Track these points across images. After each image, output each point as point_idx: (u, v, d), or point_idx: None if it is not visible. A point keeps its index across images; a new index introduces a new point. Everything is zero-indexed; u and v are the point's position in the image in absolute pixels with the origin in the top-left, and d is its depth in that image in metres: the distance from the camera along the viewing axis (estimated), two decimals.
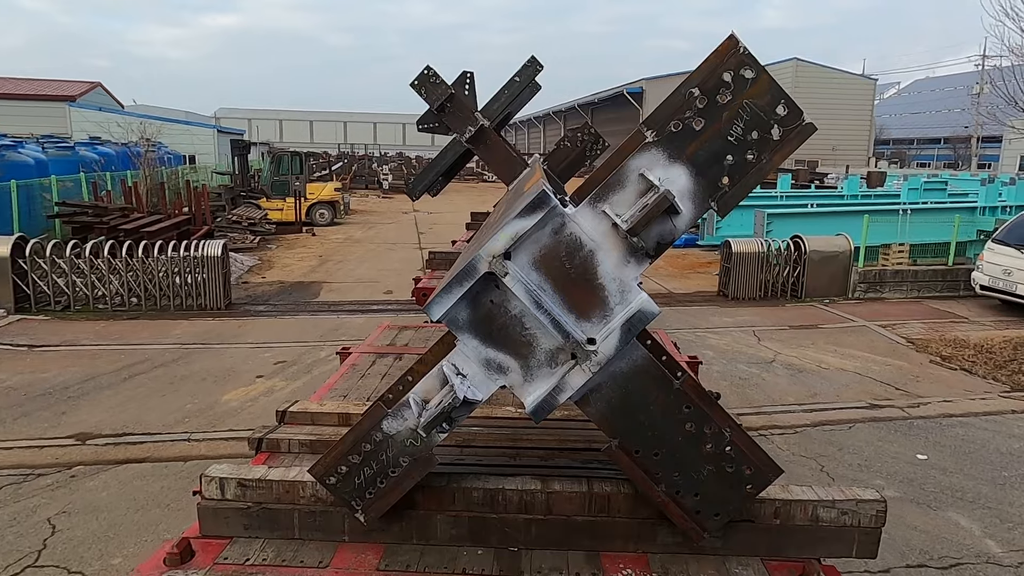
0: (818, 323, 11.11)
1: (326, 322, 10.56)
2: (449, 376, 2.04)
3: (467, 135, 5.53)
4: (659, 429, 2.12)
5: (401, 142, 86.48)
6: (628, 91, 45.49)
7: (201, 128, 30.75)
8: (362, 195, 32.57)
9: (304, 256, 16.00)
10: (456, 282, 1.94)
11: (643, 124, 2.03)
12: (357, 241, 18.41)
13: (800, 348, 9.64)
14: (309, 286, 13.14)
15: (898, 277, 12.47)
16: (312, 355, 8.95)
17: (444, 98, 5.25)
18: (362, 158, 42.55)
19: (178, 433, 6.54)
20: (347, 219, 22.54)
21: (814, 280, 12.67)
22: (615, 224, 1.99)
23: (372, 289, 13.03)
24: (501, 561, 2.22)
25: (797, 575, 2.21)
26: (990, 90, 53.78)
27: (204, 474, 2.32)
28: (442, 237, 16.41)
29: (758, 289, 12.57)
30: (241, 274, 13.62)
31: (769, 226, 13.50)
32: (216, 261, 10.67)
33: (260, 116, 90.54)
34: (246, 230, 16.96)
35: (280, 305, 11.75)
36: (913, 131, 67.19)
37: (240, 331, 9.96)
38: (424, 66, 5.20)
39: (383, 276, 14.38)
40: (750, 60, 1.98)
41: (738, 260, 12.45)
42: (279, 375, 8.07)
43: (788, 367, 8.87)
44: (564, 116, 59.63)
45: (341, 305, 11.78)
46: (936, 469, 6.07)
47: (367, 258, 16.00)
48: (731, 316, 11.57)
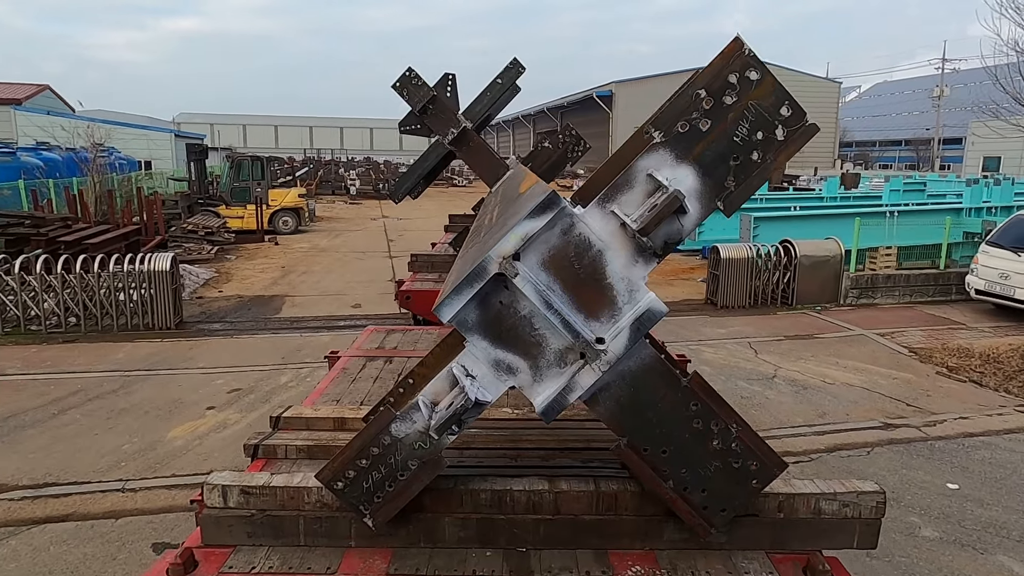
0: (814, 333, 10.45)
1: (288, 341, 10.02)
2: (459, 377, 2.05)
3: (450, 137, 5.52)
4: (667, 427, 2.14)
5: (368, 147, 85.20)
6: (598, 94, 45.48)
7: (158, 133, 29.26)
8: (328, 201, 31.51)
9: (266, 267, 14.94)
10: (466, 283, 1.95)
11: (650, 125, 2.04)
12: (323, 250, 17.38)
13: (801, 361, 9.41)
14: (270, 301, 12.10)
15: (890, 282, 11.95)
16: (271, 381, 8.02)
17: (426, 100, 5.20)
18: (328, 163, 41.25)
19: (111, 481, 5.89)
20: (312, 227, 21.51)
21: (805, 286, 12.05)
22: (624, 224, 2.00)
23: (339, 303, 12.06)
24: (510, 562, 2.22)
25: (801, 567, 2.21)
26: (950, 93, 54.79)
27: (206, 482, 2.30)
28: (413, 245, 15.55)
29: (748, 297, 11.92)
30: (196, 288, 12.55)
31: (756, 230, 12.84)
32: (164, 276, 9.62)
33: (223, 121, 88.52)
34: (203, 240, 15.82)
35: (238, 323, 10.71)
36: (875, 133, 68.60)
37: (191, 354, 8.91)
38: (406, 68, 5.14)
39: (351, 288, 13.41)
40: (755, 62, 2.01)
41: (727, 267, 11.76)
42: (233, 406, 7.52)
43: (791, 383, 8.58)
44: (533, 120, 59.37)
45: (305, 321, 10.80)
46: (972, 501, 5.75)
47: (334, 268, 15.01)
48: (723, 326, 10.85)
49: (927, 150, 57.62)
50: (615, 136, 47.62)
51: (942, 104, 52.18)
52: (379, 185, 36.07)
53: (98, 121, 25.91)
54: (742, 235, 13.57)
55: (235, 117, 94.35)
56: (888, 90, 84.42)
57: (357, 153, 68.25)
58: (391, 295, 13.25)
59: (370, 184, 35.13)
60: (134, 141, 29.35)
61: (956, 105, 63.47)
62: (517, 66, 6.72)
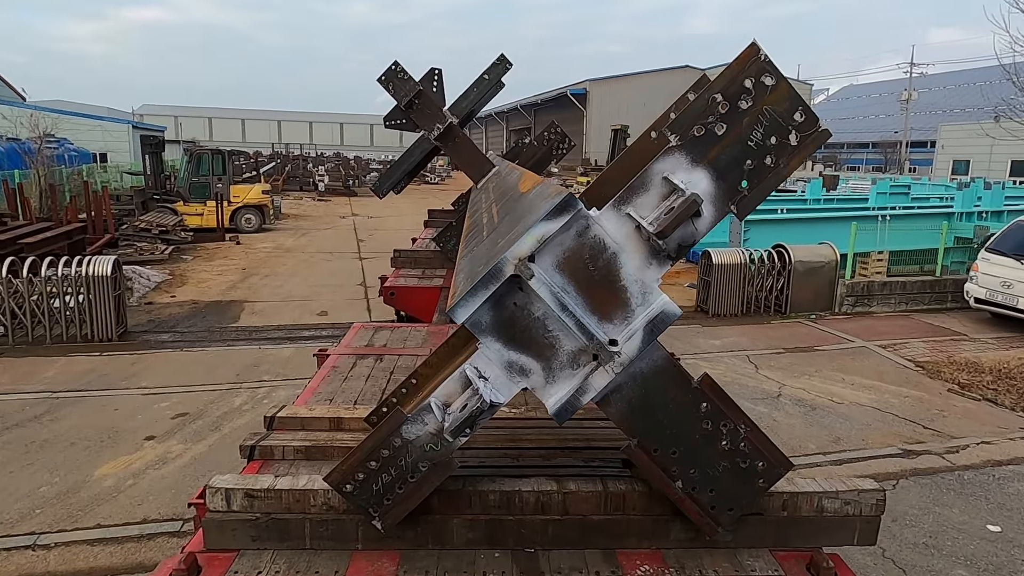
0: (814, 344, 9.73)
1: (244, 355, 9.39)
2: (472, 379, 2.04)
3: (436, 132, 5.38)
4: (677, 428, 2.16)
5: (339, 142, 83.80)
6: (572, 92, 45.02)
7: (115, 124, 27.70)
8: (296, 198, 30.33)
9: (225, 269, 13.84)
10: (481, 285, 1.95)
11: (667, 128, 2.06)
12: (288, 250, 16.31)
13: (805, 377, 9.08)
14: (228, 307, 11.02)
15: (886, 289, 11.36)
16: (223, 403, 7.66)
17: (412, 95, 5.12)
18: (296, 158, 39.83)
19: (21, 536, 5.08)
20: (278, 225, 20.40)
21: (799, 294, 11.38)
22: (639, 226, 2.01)
23: (303, 309, 11.03)
24: (519, 563, 2.23)
25: (805, 564, 2.24)
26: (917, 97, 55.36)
27: (208, 485, 2.25)
28: (385, 244, 14.62)
29: (741, 304, 11.15)
30: (145, 293, 11.44)
31: (746, 234, 12.09)
32: (105, 281, 8.50)
33: (187, 114, 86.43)
34: (156, 239, 14.55)
35: (189, 333, 9.64)
36: (843, 136, 69.65)
37: (133, 370, 7.87)
38: (392, 62, 5.11)
39: (317, 293, 12.41)
40: (770, 67, 2.04)
41: (719, 273, 10.94)
42: (177, 435, 6.96)
43: (798, 403, 8.21)
44: (507, 117, 58.80)
45: (265, 331, 9.78)
46: (1020, 548, 5.33)
47: (299, 271, 13.98)
48: (718, 337, 10.05)
49: (894, 152, 58.23)
50: (590, 134, 47.15)
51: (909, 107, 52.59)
52: (349, 181, 34.83)
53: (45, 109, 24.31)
54: (732, 239, 12.86)
55: (201, 110, 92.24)
56: (855, 93, 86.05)
57: (327, 148, 67.39)
58: (361, 300, 12.23)
59: (340, 180, 33.79)
60: (89, 132, 27.92)
61: (923, 109, 64.45)
62: (504, 62, 6.62)
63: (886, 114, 74.01)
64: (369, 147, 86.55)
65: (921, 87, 59.82)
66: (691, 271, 16.15)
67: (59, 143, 25.85)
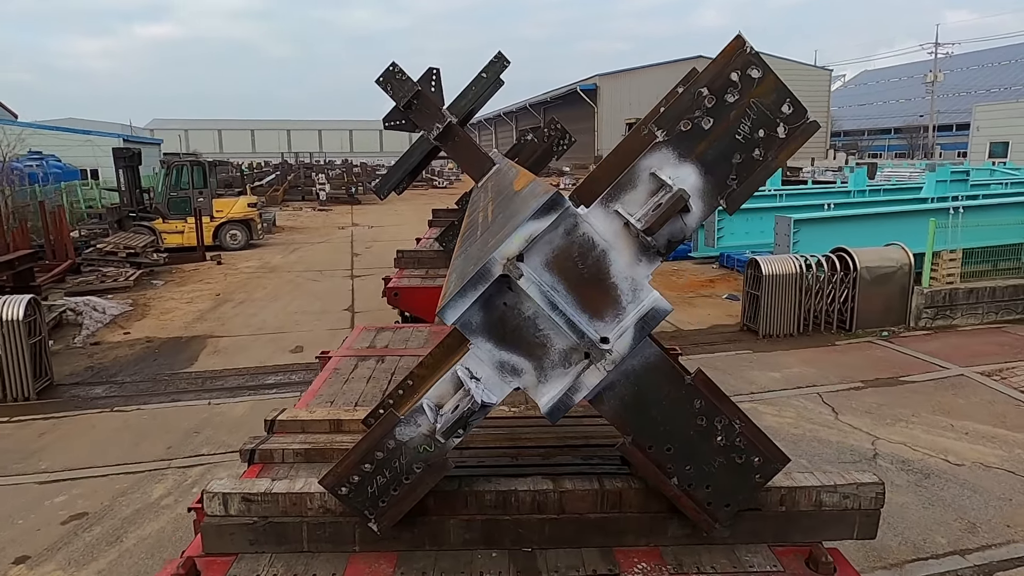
0: (898, 374, 7.43)
1: (187, 415, 7.90)
2: (464, 380, 2.09)
3: (435, 132, 5.50)
4: (672, 424, 2.20)
5: (348, 149, 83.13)
6: (582, 88, 43.55)
7: (105, 139, 26.03)
8: (296, 208, 28.52)
9: (196, 295, 12.02)
10: (470, 286, 2.00)
11: (653, 123, 2.10)
12: (273, 270, 14.44)
13: (901, 425, 7.32)
14: (187, 345, 9.05)
15: (972, 297, 9.17)
16: (138, 496, 6.17)
17: (411, 95, 5.21)
18: (300, 167, 38.08)
19: None
20: (269, 239, 18.64)
21: (867, 306, 9.23)
22: (627, 223, 2.06)
23: (276, 346, 9.00)
24: (517, 562, 2.29)
25: (804, 559, 2.29)
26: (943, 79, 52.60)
27: (206, 490, 2.33)
28: (382, 259, 12.75)
29: (797, 322, 8.85)
30: (96, 329, 9.60)
31: (796, 236, 9.93)
32: (16, 327, 6.51)
33: (197, 127, 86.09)
34: (124, 263, 12.61)
35: (130, 384, 7.71)
36: (863, 122, 67.29)
37: (39, 445, 6.07)
38: (390, 63, 5.23)
39: (295, 322, 10.50)
40: (756, 60, 2.04)
41: (770, 285, 8.63)
42: (61, 553, 5.34)
43: (904, 467, 6.48)
44: (516, 117, 57.53)
45: (222, 378, 7.88)
46: None
47: (280, 295, 12.02)
48: (776, 367, 7.79)
49: (918, 137, 55.35)
50: (601, 130, 45.33)
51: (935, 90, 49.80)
52: (351, 189, 32.95)
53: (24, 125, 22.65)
54: (778, 242, 10.87)
55: (210, 122, 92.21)
56: (873, 78, 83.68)
57: (336, 155, 66.19)
58: (345, 330, 10.18)
59: (342, 187, 31.95)
60: (78, 148, 26.53)
61: (947, 91, 61.39)
62: (502, 60, 6.52)
63: (906, 98, 71.02)
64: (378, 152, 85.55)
65: (943, 69, 56.81)
66: (727, 278, 14.01)
67: (43, 160, 24.11)
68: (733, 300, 12.24)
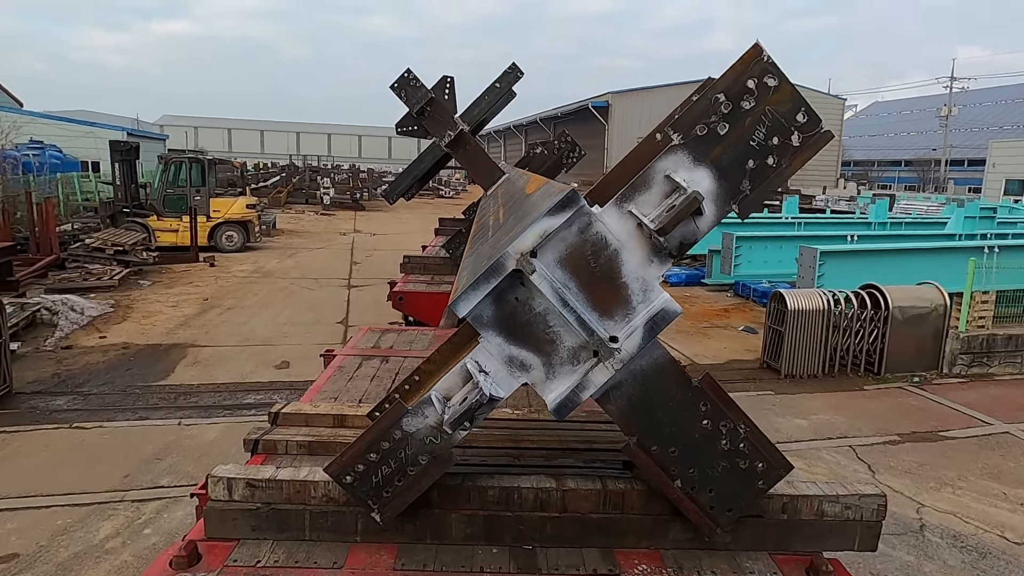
0: (937, 427, 6.63)
1: (153, 436, 7.14)
2: (473, 373, 2.10)
3: (447, 139, 5.40)
4: (677, 426, 2.21)
5: (357, 154, 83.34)
6: (593, 104, 43.16)
7: (107, 131, 25.49)
8: (298, 211, 27.91)
9: (183, 299, 11.32)
10: (483, 279, 2.01)
11: (669, 127, 2.13)
12: (266, 275, 13.75)
13: (948, 490, 6.58)
14: (166, 353, 8.31)
15: (1011, 345, 8.32)
16: (80, 536, 5.29)
17: (424, 102, 5.15)
18: (306, 169, 37.57)
19: None
20: (267, 242, 18.01)
21: (897, 348, 8.36)
22: (641, 224, 2.08)
23: (259, 359, 8.23)
24: (517, 559, 2.30)
25: (804, 568, 2.30)
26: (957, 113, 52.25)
27: (210, 474, 2.34)
28: (382, 268, 12.13)
29: (822, 362, 8.05)
30: (72, 331, 8.87)
31: (822, 268, 9.22)
32: None
33: (207, 125, 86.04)
34: (111, 260, 11.93)
35: (96, 396, 6.96)
36: (874, 152, 66.88)
37: None
38: (404, 69, 5.21)
39: (284, 334, 9.74)
40: (773, 68, 2.06)
41: (794, 321, 7.84)
42: None
43: (956, 543, 5.63)
44: (525, 130, 57.50)
45: (197, 394, 7.12)
46: None
47: (271, 302, 11.33)
48: (802, 413, 6.99)
49: (929, 171, 54.84)
50: (611, 148, 45.00)
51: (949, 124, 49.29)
52: (356, 194, 32.36)
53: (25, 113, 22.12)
54: (802, 274, 10.19)
55: (220, 121, 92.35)
56: (884, 109, 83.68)
57: (345, 160, 66.24)
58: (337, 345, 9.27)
59: (347, 192, 31.31)
60: (79, 139, 26.04)
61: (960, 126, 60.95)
62: (515, 71, 6.55)
63: (919, 131, 70.63)
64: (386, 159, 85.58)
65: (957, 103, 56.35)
66: (742, 308, 13.33)
67: (42, 150, 23.54)
68: (750, 333, 11.58)
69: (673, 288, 16.05)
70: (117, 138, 24.77)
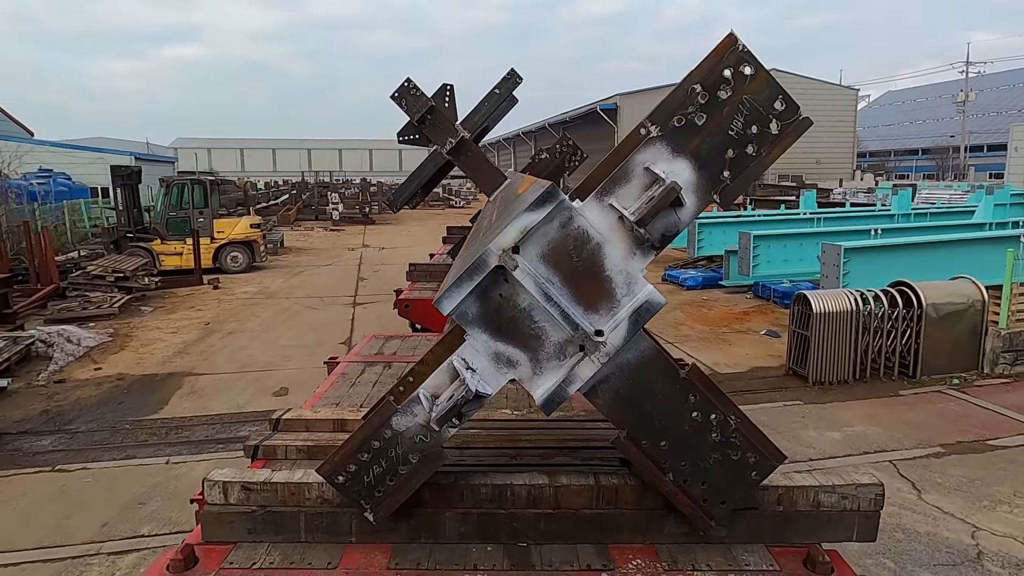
0: (984, 435, 6.05)
1: (139, 477, 6.61)
2: (459, 370, 2.13)
3: (448, 146, 5.41)
4: (666, 419, 2.22)
5: (368, 168, 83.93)
6: (602, 107, 42.87)
7: (116, 156, 25.53)
8: (307, 228, 27.70)
9: (184, 324, 11.02)
10: (466, 276, 2.03)
11: (647, 119, 2.15)
12: (270, 296, 13.41)
13: (1003, 510, 5.84)
14: (161, 384, 7.93)
15: None
16: None
17: (424, 110, 5.18)
18: (315, 186, 37.49)
19: None
20: (273, 261, 17.72)
21: (933, 349, 7.69)
22: (622, 217, 2.10)
23: (258, 386, 7.82)
24: (511, 556, 2.32)
25: (802, 560, 2.29)
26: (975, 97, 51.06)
27: (206, 478, 2.40)
28: (390, 285, 11.82)
29: (852, 366, 7.41)
30: (67, 364, 8.54)
31: (846, 266, 8.61)
32: None
33: (220, 146, 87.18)
34: (112, 287, 11.63)
35: (84, 434, 6.62)
36: (889, 142, 65.71)
37: None
38: (404, 78, 5.25)
39: (285, 358, 9.40)
40: (749, 57, 2.06)
41: (821, 324, 7.23)
42: None
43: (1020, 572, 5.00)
44: (535, 136, 57.33)
45: (189, 427, 6.83)
46: None
47: (273, 325, 10.96)
48: (834, 425, 6.39)
49: (947, 158, 53.60)
50: None
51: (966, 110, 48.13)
52: (365, 209, 32.10)
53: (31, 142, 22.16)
54: (826, 272, 9.62)
55: (233, 141, 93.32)
56: (897, 99, 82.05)
57: (356, 174, 66.64)
58: None
59: (356, 207, 31.08)
60: (89, 166, 25.92)
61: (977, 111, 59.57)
62: (514, 76, 6.53)
63: (934, 118, 69.28)
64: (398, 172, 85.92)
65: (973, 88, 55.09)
66: (762, 310, 12.78)
67: (50, 178, 23.51)
68: (772, 337, 11.02)
69: (690, 291, 15.50)
70: (125, 163, 24.73)
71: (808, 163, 48.09)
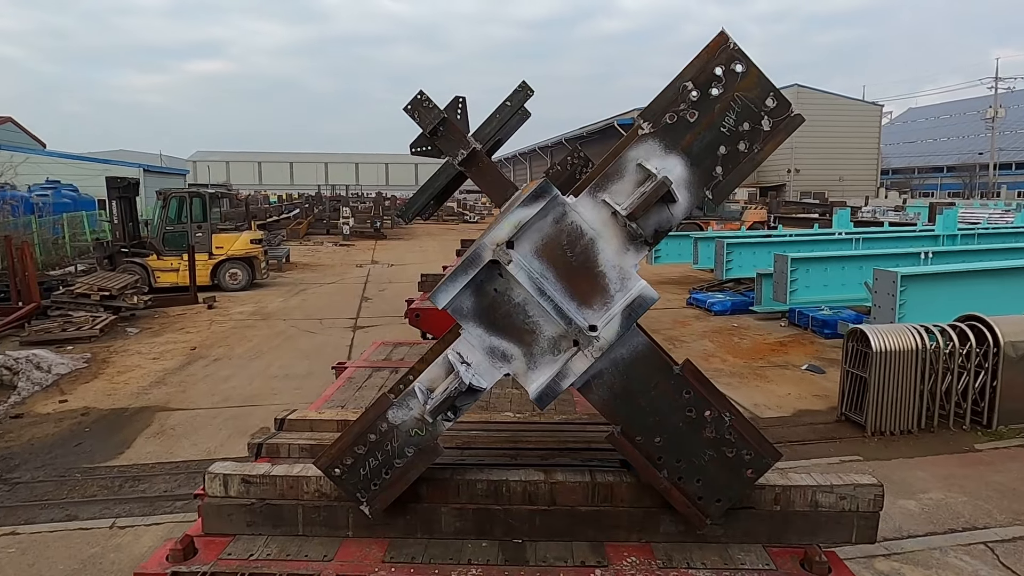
0: None
1: (75, 546, 5.32)
2: (454, 363, 2.22)
3: (459, 158, 5.41)
4: (660, 415, 2.29)
5: (384, 182, 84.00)
6: (619, 123, 41.72)
7: (124, 168, 25.05)
8: (317, 242, 26.69)
9: (168, 348, 10.05)
10: (461, 270, 2.12)
11: (639, 116, 2.25)
12: (266, 317, 12.50)
13: None
14: (129, 420, 6.84)
15: None
16: None
17: (437, 122, 5.17)
18: (328, 199, 36.86)
19: None
20: (277, 278, 16.97)
21: (1011, 393, 6.17)
22: (615, 212, 2.19)
23: (236, 425, 6.74)
24: (506, 552, 2.41)
25: (799, 560, 2.32)
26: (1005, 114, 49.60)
27: (207, 471, 2.52)
28: (393, 305, 11.00)
29: (917, 414, 6.00)
30: (31, 394, 7.45)
31: (903, 296, 7.38)
32: None
33: (239, 159, 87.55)
34: (97, 307, 10.67)
35: (27, 484, 5.54)
36: (913, 159, 64.04)
37: None
38: (417, 91, 5.24)
39: (271, 391, 8.40)
40: (740, 55, 2.14)
41: (881, 364, 5.83)
42: None
43: None
44: (551, 151, 56.60)
45: (149, 478, 5.75)
46: None
47: (264, 350, 9.96)
48: (906, 490, 5.07)
49: (975, 175, 51.91)
50: None
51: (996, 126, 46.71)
52: (377, 223, 31.25)
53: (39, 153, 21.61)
54: (878, 302, 8.32)
55: (251, 155, 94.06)
56: (920, 115, 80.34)
57: (372, 188, 66.86)
58: None
59: (368, 221, 30.27)
60: (97, 178, 25.31)
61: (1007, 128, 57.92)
62: (525, 89, 6.17)
63: (958, 135, 67.65)
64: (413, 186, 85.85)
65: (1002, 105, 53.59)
66: (800, 340, 11.64)
67: (55, 190, 22.92)
68: (816, 373, 9.77)
69: (718, 317, 14.32)
70: (133, 176, 24.06)
71: (831, 180, 46.84)
